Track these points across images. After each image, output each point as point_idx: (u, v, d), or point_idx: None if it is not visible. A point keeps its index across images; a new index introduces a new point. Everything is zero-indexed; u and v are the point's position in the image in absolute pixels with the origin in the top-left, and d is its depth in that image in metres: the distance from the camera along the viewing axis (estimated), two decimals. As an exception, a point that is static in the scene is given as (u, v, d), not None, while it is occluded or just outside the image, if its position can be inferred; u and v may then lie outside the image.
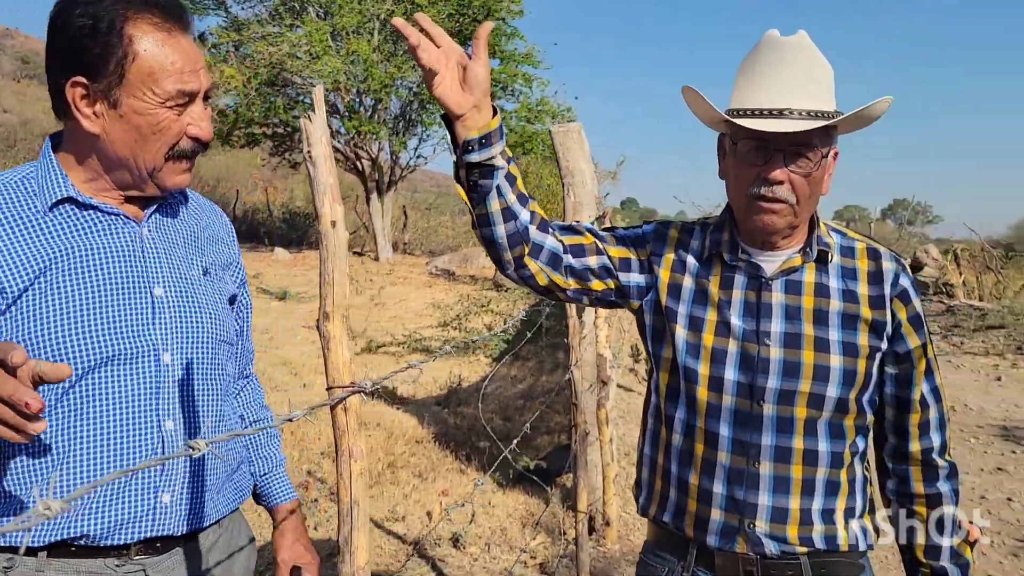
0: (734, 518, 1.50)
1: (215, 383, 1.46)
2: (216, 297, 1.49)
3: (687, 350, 1.53)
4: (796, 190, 1.42)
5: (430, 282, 16.42)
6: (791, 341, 1.47)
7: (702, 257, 1.57)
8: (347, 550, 1.17)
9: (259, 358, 8.29)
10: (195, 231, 1.51)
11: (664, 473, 1.60)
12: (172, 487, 1.36)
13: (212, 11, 19.91)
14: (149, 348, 1.32)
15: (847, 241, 1.55)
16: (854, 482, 1.52)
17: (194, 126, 1.33)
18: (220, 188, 26.27)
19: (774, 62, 1.42)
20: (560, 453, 5.14)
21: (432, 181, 49.07)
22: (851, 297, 1.48)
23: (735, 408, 1.49)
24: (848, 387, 1.46)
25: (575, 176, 4.24)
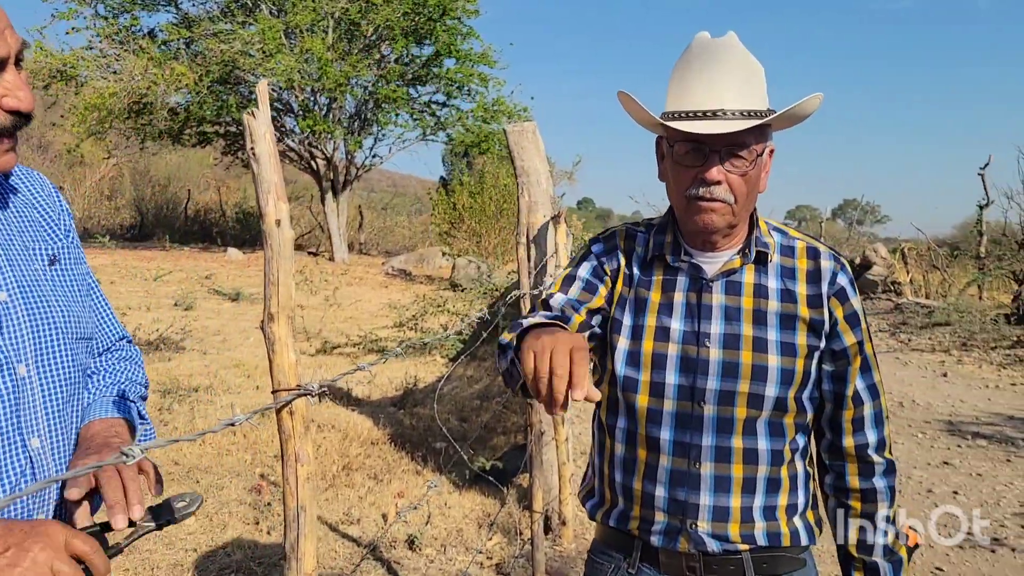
0: (676, 519, 1.51)
1: (78, 387, 1.31)
2: (67, 288, 1.32)
3: (627, 360, 1.54)
4: (734, 189, 1.43)
5: (386, 282, 16.32)
6: (730, 342, 1.48)
7: (645, 260, 1.58)
8: (293, 556, 1.15)
9: (211, 360, 8.16)
10: (29, 215, 1.32)
11: (610, 481, 1.62)
12: (46, 507, 1.23)
13: (162, 7, 19.56)
14: (1, 362, 1.16)
15: (788, 240, 1.56)
16: (795, 479, 1.54)
17: (9, 97, 1.13)
18: (172, 188, 25.79)
19: (705, 64, 1.43)
20: (516, 453, 5.13)
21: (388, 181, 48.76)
22: (789, 297, 1.50)
23: (676, 411, 1.50)
24: (787, 386, 1.48)
25: (530, 176, 4.23)
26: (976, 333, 10.84)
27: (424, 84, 20.48)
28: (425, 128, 20.64)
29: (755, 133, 1.42)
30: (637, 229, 1.65)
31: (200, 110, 18.60)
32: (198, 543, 4.04)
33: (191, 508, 1.15)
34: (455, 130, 20.51)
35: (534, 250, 4.07)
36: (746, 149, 1.42)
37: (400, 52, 19.39)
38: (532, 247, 4.04)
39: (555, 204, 4.55)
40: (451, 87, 20.34)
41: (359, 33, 19.12)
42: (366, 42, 19.32)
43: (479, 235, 19.02)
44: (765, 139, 1.46)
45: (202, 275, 14.06)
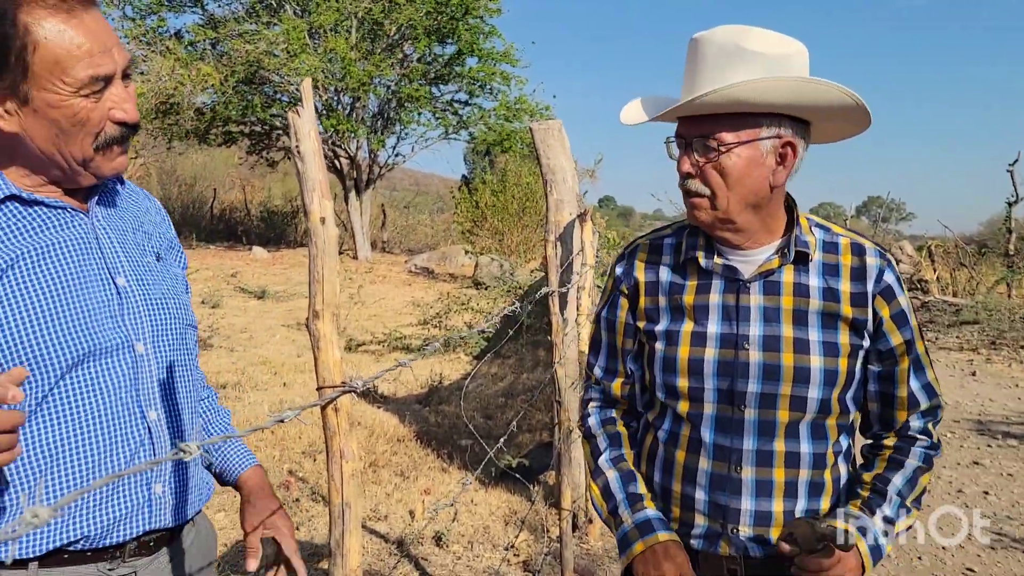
0: (717, 523, 1.50)
1: (187, 368, 1.43)
2: (174, 282, 1.45)
3: (663, 366, 1.52)
4: (708, 181, 1.41)
5: (409, 280, 16.37)
6: (770, 344, 1.45)
7: (677, 264, 1.56)
8: (339, 552, 1.16)
9: (239, 357, 8.23)
10: (138, 217, 1.44)
11: (647, 481, 1.61)
12: (163, 477, 1.35)
13: (189, 8, 19.74)
14: (123, 340, 1.29)
15: (831, 237, 1.51)
16: (838, 481, 1.52)
17: (117, 109, 1.23)
18: (198, 187, 26.04)
19: (688, 60, 1.43)
20: (542, 451, 5.13)
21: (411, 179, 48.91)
22: (832, 295, 1.46)
23: (716, 415, 1.48)
24: (830, 387, 1.45)
25: (556, 174, 4.23)
26: (1005, 332, 10.68)
27: (446, 83, 20.51)
28: (447, 127, 20.68)
29: (728, 123, 1.38)
30: (663, 237, 1.62)
31: (226, 110, 18.76)
32: (228, 538, 4.08)
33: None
34: (477, 129, 20.52)
35: (560, 248, 4.07)
36: (713, 138, 1.38)
37: (423, 51, 19.43)
38: (559, 245, 4.04)
39: (581, 202, 4.55)
40: (473, 86, 20.36)
41: (382, 32, 19.19)
42: (389, 41, 19.38)
43: (501, 233, 19.02)
44: (751, 127, 1.39)
45: (228, 273, 14.18)
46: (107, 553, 1.28)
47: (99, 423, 1.25)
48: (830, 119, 1.44)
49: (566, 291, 3.94)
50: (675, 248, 1.58)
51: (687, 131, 1.41)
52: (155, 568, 1.36)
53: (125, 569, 1.31)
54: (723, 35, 1.39)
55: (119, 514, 1.28)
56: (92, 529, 1.25)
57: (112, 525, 1.27)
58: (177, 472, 1.39)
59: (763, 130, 1.39)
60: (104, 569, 1.28)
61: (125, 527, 1.29)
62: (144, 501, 1.31)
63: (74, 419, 1.23)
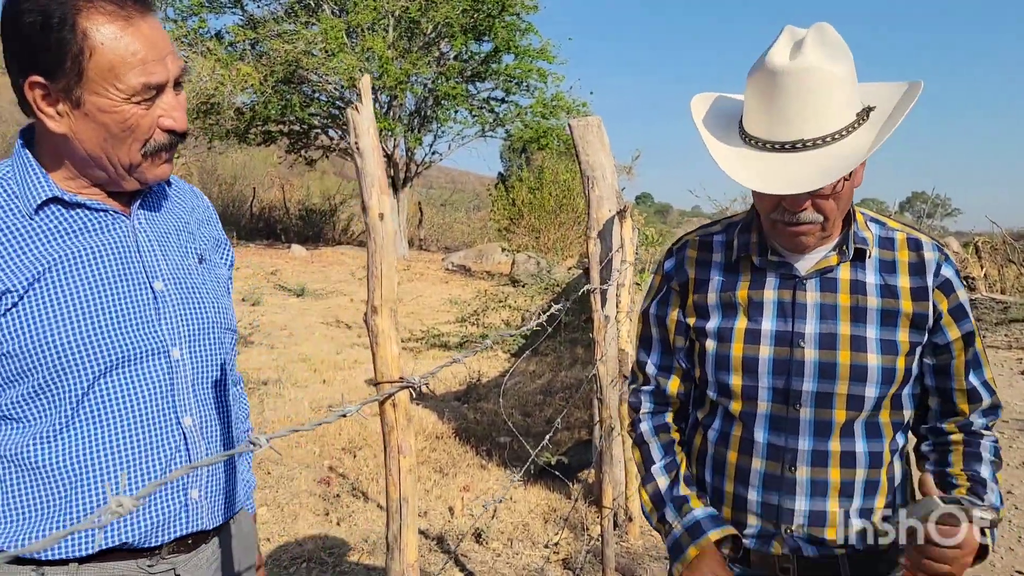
0: (770, 523, 1.48)
1: (224, 373, 1.43)
2: (215, 285, 1.45)
3: (716, 363, 1.50)
4: (822, 210, 1.36)
5: (446, 278, 16.43)
6: (826, 342, 1.43)
7: (729, 262, 1.53)
8: (396, 547, 1.17)
9: (279, 354, 8.33)
10: (183, 218, 1.45)
11: (698, 480, 1.59)
12: (199, 483, 1.35)
13: (229, 9, 20.00)
14: (158, 345, 1.29)
15: (886, 232, 1.49)
16: (893, 480, 1.49)
17: (166, 117, 1.25)
18: (237, 186, 26.38)
19: (781, 89, 1.31)
20: (581, 448, 5.12)
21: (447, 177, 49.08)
22: (890, 292, 1.43)
23: (770, 414, 1.46)
24: (887, 385, 1.42)
25: (596, 170, 4.22)
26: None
27: (483, 80, 20.53)
28: (484, 124, 20.70)
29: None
30: (713, 233, 1.59)
31: (265, 110, 18.97)
32: (270, 533, 4.13)
33: None
34: (514, 126, 20.51)
35: (600, 245, 4.05)
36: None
37: (459, 49, 19.48)
38: (599, 242, 4.02)
39: (620, 199, 4.52)
40: (510, 83, 20.35)
41: (419, 31, 19.26)
42: (426, 40, 19.45)
43: (538, 231, 19.00)
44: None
45: (268, 271, 14.35)
46: (146, 551, 1.30)
47: (134, 429, 1.26)
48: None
49: (607, 288, 3.93)
50: (726, 245, 1.56)
51: (793, 199, 1.36)
52: (195, 564, 1.37)
53: (164, 566, 1.32)
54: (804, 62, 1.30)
55: (157, 520, 1.29)
56: (132, 536, 1.26)
57: (150, 531, 1.28)
58: (213, 476, 1.39)
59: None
60: (144, 565, 1.29)
61: (163, 532, 1.30)
62: (181, 507, 1.32)
63: (109, 424, 1.24)
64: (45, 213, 1.24)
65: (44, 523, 1.23)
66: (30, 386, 1.20)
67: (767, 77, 1.32)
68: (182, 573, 1.34)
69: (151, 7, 1.24)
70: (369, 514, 4.46)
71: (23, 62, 1.19)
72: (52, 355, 1.19)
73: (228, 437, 1.44)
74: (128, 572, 1.28)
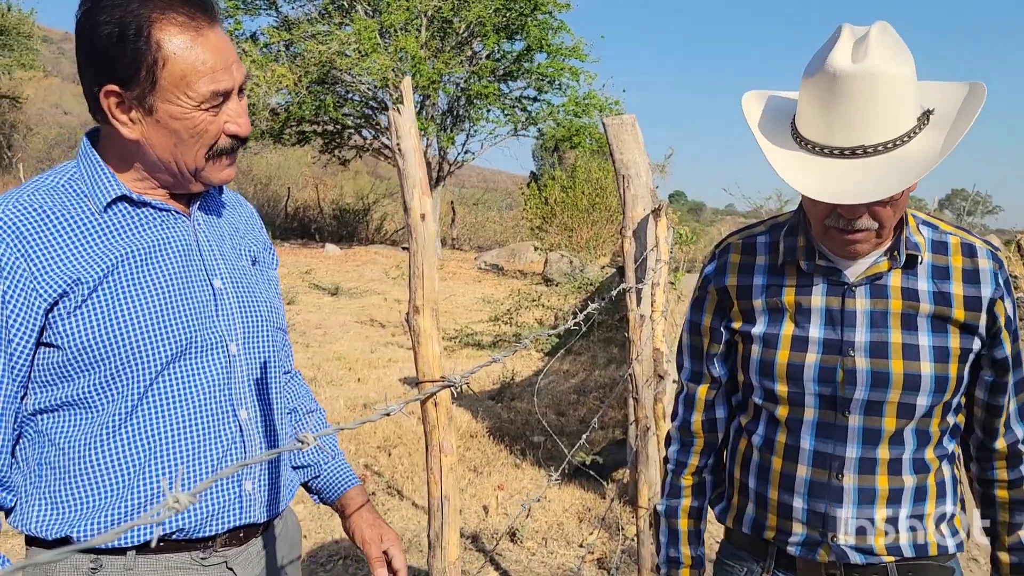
0: (816, 531, 1.45)
1: (276, 370, 1.47)
2: (266, 285, 1.50)
3: (760, 370, 1.48)
4: (878, 217, 1.32)
5: (479, 277, 16.47)
6: (878, 350, 1.39)
7: (775, 265, 1.49)
8: (438, 545, 1.17)
9: (314, 352, 8.41)
10: (234, 222, 1.51)
11: (741, 487, 1.57)
12: (252, 475, 1.39)
13: (263, 11, 20.23)
14: (217, 339, 1.34)
15: (939, 235, 1.44)
16: (943, 485, 1.46)
17: (231, 123, 1.30)
18: (272, 186, 26.69)
19: (844, 93, 1.25)
20: (615, 448, 5.11)
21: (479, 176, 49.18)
22: (943, 299, 1.39)
23: (817, 421, 1.44)
24: (940, 394, 1.39)
25: (630, 169, 4.18)
26: (1102, 330, 10.19)
27: (515, 79, 20.54)
28: (516, 123, 20.71)
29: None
30: (756, 235, 1.55)
31: (299, 110, 19.16)
32: (308, 530, 4.17)
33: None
34: (546, 125, 20.49)
35: (635, 244, 4.04)
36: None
37: (491, 48, 19.50)
38: (634, 241, 4.00)
39: (655, 197, 4.49)
40: (542, 82, 20.34)
41: (451, 30, 19.33)
42: (458, 39, 19.51)
43: (571, 229, 18.95)
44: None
45: (303, 270, 14.49)
46: (200, 543, 1.33)
47: (194, 419, 1.30)
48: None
49: (642, 287, 3.91)
50: (771, 248, 1.52)
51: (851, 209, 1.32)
52: (245, 558, 1.40)
53: (216, 559, 1.34)
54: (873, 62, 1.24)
55: (212, 509, 1.32)
56: (187, 523, 1.30)
57: (205, 520, 1.31)
58: (266, 470, 1.43)
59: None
60: (197, 558, 1.32)
61: (217, 522, 1.33)
62: (235, 497, 1.35)
63: (170, 414, 1.28)
64: (114, 211, 1.30)
65: (105, 510, 1.26)
66: (102, 375, 1.24)
67: (828, 80, 1.26)
68: (233, 567, 1.37)
69: (218, 18, 1.29)
70: (404, 512, 4.48)
71: (99, 72, 1.23)
72: (123, 345, 1.24)
73: (280, 432, 1.48)
74: (182, 564, 1.31)
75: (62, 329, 1.22)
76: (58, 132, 26.92)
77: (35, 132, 25.53)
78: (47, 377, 1.25)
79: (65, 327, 1.22)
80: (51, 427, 1.26)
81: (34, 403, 1.26)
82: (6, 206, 1.23)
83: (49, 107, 33.32)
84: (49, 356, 1.24)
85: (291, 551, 1.56)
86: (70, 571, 1.25)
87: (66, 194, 1.28)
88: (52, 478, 1.26)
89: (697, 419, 1.63)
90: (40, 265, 1.21)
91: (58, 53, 47.52)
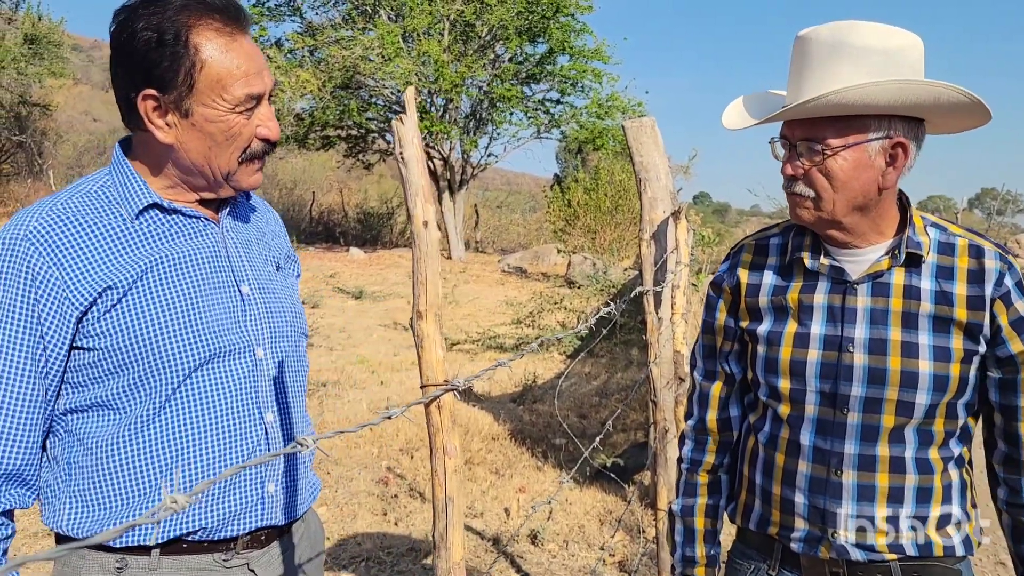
0: (817, 527, 1.47)
1: (300, 374, 1.50)
2: (291, 292, 1.53)
3: (765, 366, 1.51)
4: (812, 184, 1.38)
5: (502, 279, 16.49)
6: (876, 347, 1.41)
7: (783, 265, 1.53)
8: (443, 546, 1.19)
9: (338, 356, 8.47)
10: (260, 228, 1.54)
11: (749, 484, 1.60)
12: (275, 477, 1.41)
13: (288, 17, 20.41)
14: (245, 344, 1.36)
15: (947, 237, 1.44)
16: (950, 488, 1.45)
17: (263, 127, 1.34)
18: (297, 190, 26.92)
19: (799, 58, 1.39)
20: (636, 450, 5.10)
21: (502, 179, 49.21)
22: (944, 299, 1.40)
23: (817, 417, 1.46)
24: (940, 393, 1.39)
25: (649, 171, 4.18)
26: None
27: (538, 82, 20.55)
28: (539, 126, 20.73)
29: (833, 126, 1.34)
30: (770, 236, 1.59)
31: (323, 115, 19.30)
32: (330, 532, 4.21)
33: None
34: (569, 127, 20.49)
35: (655, 246, 4.03)
36: (819, 143, 1.35)
37: (514, 51, 19.53)
38: (653, 243, 4.00)
39: (675, 199, 4.49)
40: (565, 84, 20.33)
41: (474, 34, 19.38)
42: (481, 42, 19.56)
43: (594, 232, 18.91)
44: (857, 131, 1.35)
45: (327, 274, 14.59)
46: (222, 545, 1.35)
47: (220, 421, 1.33)
48: (945, 116, 1.38)
49: (660, 290, 3.90)
50: (781, 248, 1.56)
51: (791, 133, 1.39)
52: (267, 560, 1.42)
53: (238, 560, 1.37)
54: (830, 32, 1.36)
55: (234, 509, 1.34)
56: (209, 522, 1.32)
57: (227, 520, 1.34)
58: (289, 472, 1.45)
59: (871, 132, 1.35)
60: (219, 559, 1.34)
61: (239, 522, 1.35)
62: (257, 499, 1.37)
63: (197, 416, 1.31)
64: (145, 218, 1.33)
65: (132, 510, 1.30)
66: (131, 377, 1.28)
67: (797, 43, 1.40)
68: (255, 568, 1.39)
69: (248, 26, 1.33)
70: (427, 514, 4.51)
71: (136, 77, 1.27)
72: (152, 349, 1.27)
73: (304, 435, 1.49)
74: (205, 565, 1.33)
75: (93, 332, 1.26)
76: (87, 139, 27.33)
77: (65, 139, 25.92)
78: (78, 379, 1.29)
79: (96, 330, 1.26)
80: (80, 427, 1.30)
81: (65, 403, 1.30)
82: (39, 215, 1.27)
83: (79, 114, 33.85)
84: (80, 358, 1.28)
85: (313, 553, 1.58)
86: (97, 569, 1.28)
87: (98, 201, 1.32)
88: (81, 477, 1.30)
89: (712, 417, 1.66)
90: (72, 273, 1.24)
91: (87, 61, 48.26)
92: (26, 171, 22.87)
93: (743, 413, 1.66)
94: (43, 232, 1.25)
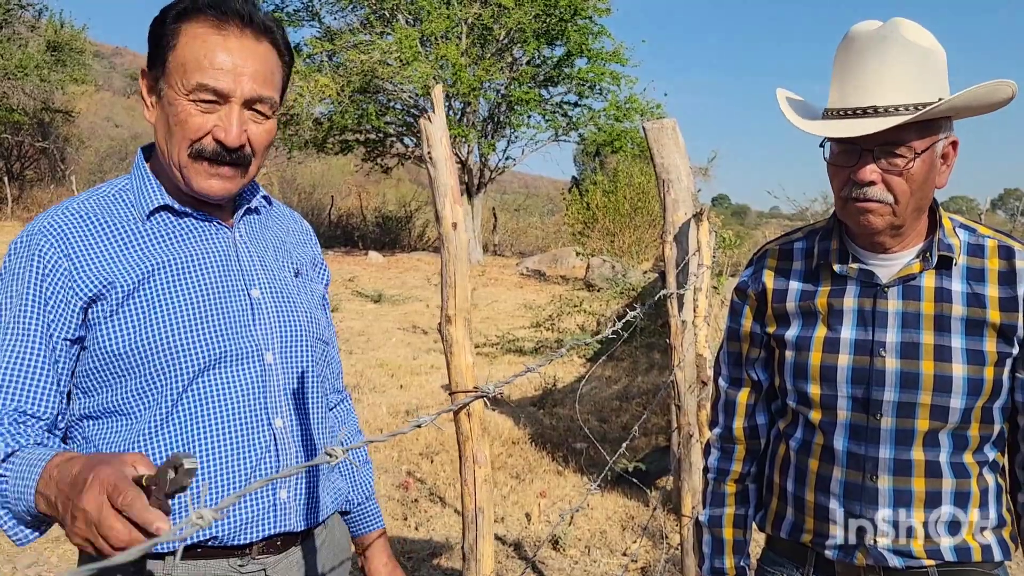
0: (853, 534, 1.44)
1: (315, 380, 1.47)
2: (309, 297, 1.51)
3: (794, 372, 1.49)
4: (892, 189, 1.33)
5: (521, 283, 16.47)
6: (908, 351, 1.39)
7: (809, 270, 1.51)
8: (472, 558, 1.16)
9: (357, 359, 8.47)
10: (281, 236, 1.53)
11: (780, 492, 1.57)
12: (288, 484, 1.39)
13: (307, 22, 20.53)
14: (252, 348, 1.35)
15: (976, 239, 1.42)
16: (987, 492, 1.43)
17: (220, 128, 1.28)
18: (316, 194, 27.03)
19: (860, 56, 1.33)
20: (659, 455, 5.05)
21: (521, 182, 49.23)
22: (977, 301, 1.38)
23: (850, 423, 1.43)
24: (975, 397, 1.37)
25: (670, 173, 4.14)
26: None
27: (556, 85, 20.55)
28: (557, 129, 20.71)
29: (916, 128, 1.31)
30: (794, 241, 1.57)
31: (342, 119, 19.38)
32: (351, 536, 4.19)
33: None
34: (587, 130, 20.46)
35: (676, 249, 3.99)
36: (903, 146, 1.31)
37: (532, 54, 19.54)
38: (675, 246, 3.96)
39: (696, 201, 4.44)
40: (583, 87, 20.32)
41: (491, 37, 19.40)
42: (498, 46, 19.58)
43: (613, 234, 18.85)
44: (934, 132, 1.33)
45: (346, 278, 14.62)
46: (237, 551, 1.33)
47: (226, 427, 1.31)
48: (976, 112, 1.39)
49: (683, 293, 3.86)
50: (806, 253, 1.53)
51: (869, 137, 1.33)
52: (285, 566, 1.39)
53: (254, 566, 1.35)
54: (894, 28, 1.33)
55: (246, 517, 1.32)
56: (220, 531, 1.30)
57: (239, 528, 1.32)
58: (303, 480, 1.42)
59: (942, 132, 1.35)
60: (235, 565, 1.33)
61: (251, 530, 1.33)
62: (269, 506, 1.35)
63: (203, 421, 1.29)
64: (156, 219, 1.35)
65: None
66: (137, 382, 1.27)
67: (847, 43, 1.36)
68: (273, 574, 1.37)
69: (259, 33, 1.32)
70: (447, 519, 4.48)
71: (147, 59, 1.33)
72: (156, 351, 1.27)
73: (318, 442, 1.47)
74: (221, 571, 1.32)
75: (99, 334, 1.27)
76: (109, 144, 27.58)
77: (87, 145, 26.20)
78: (87, 383, 1.29)
79: (102, 331, 1.27)
80: (95, 434, 1.30)
81: (79, 409, 1.30)
82: (56, 213, 1.31)
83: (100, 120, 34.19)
84: (87, 361, 1.28)
85: (337, 560, 1.55)
86: (112, 571, 1.27)
87: (114, 203, 1.34)
88: None
89: (739, 425, 1.64)
90: (78, 264, 1.27)
91: (109, 67, 48.78)
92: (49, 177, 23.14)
93: (770, 420, 1.63)
94: (57, 227, 1.29)
